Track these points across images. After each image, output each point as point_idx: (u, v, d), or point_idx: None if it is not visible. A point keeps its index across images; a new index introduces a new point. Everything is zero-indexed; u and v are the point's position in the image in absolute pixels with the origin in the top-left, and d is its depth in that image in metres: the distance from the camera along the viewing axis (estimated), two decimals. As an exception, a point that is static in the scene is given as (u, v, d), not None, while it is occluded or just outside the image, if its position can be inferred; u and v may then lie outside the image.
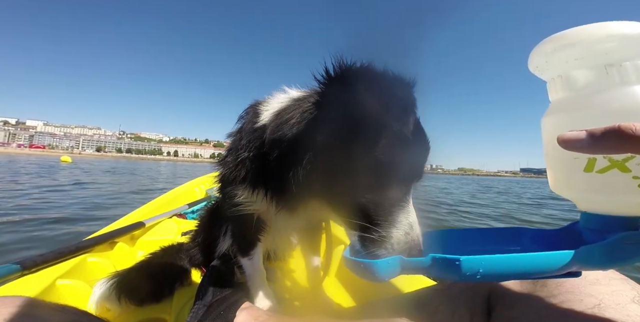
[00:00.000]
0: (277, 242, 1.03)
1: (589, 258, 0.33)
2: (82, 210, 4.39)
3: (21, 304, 0.54)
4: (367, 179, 0.54)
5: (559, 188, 0.41)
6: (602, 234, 0.36)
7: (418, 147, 0.58)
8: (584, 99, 0.36)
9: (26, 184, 7.05)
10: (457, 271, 0.34)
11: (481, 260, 0.33)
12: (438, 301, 0.58)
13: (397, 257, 0.41)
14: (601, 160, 0.34)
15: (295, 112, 0.62)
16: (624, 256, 0.33)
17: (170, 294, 1.05)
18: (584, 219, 0.40)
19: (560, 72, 0.39)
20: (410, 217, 0.54)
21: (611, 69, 0.34)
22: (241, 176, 0.71)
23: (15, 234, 2.94)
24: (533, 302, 0.47)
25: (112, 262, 1.23)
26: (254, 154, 0.68)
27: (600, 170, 0.34)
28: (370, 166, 0.53)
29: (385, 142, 0.53)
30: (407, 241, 0.52)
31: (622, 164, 0.32)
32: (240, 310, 0.74)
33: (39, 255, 1.00)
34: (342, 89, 0.55)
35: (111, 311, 0.93)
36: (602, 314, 0.40)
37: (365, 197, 0.54)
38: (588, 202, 0.39)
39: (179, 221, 1.89)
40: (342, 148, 0.55)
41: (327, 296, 1.01)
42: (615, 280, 0.47)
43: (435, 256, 0.37)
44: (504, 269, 0.34)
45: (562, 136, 0.31)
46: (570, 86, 0.38)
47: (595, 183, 0.35)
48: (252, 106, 0.75)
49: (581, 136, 0.30)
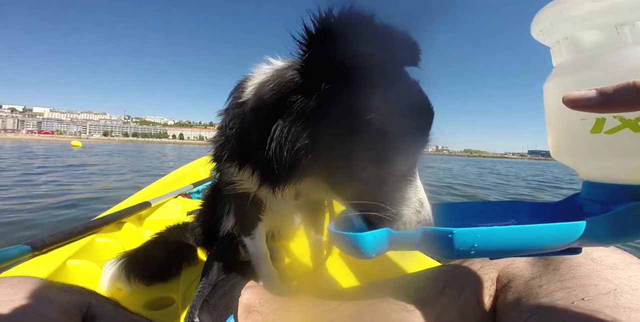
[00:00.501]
0: (279, 221, 1.03)
1: (593, 232, 0.30)
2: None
3: (29, 285, 0.55)
4: (366, 150, 0.49)
5: (562, 153, 0.38)
6: (606, 206, 0.33)
7: (420, 112, 0.51)
8: (592, 60, 0.33)
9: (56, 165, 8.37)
10: (449, 244, 0.31)
11: (476, 233, 0.30)
12: (443, 283, 0.57)
13: (385, 230, 0.38)
14: (610, 120, 0.31)
15: (275, 82, 0.56)
16: (631, 229, 0.31)
17: (177, 273, 1.08)
18: (586, 189, 0.37)
19: (566, 34, 0.36)
20: (419, 193, 0.49)
21: (623, 29, 0.32)
22: (228, 154, 0.69)
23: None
24: (544, 286, 0.45)
25: (120, 242, 1.26)
26: (238, 130, 0.64)
27: (610, 130, 0.31)
28: (368, 135, 0.47)
29: (383, 108, 0.47)
30: (418, 219, 0.47)
31: (635, 124, 0.29)
32: (245, 288, 0.75)
33: (48, 236, 1.02)
34: (326, 47, 0.47)
35: (122, 290, 0.95)
36: (617, 299, 0.38)
37: (367, 172, 0.49)
38: (592, 168, 0.36)
39: (184, 200, 1.91)
40: (332, 117, 0.49)
41: (330, 275, 1.02)
42: (633, 265, 0.44)
43: (427, 228, 0.34)
44: (500, 243, 0.31)
45: (569, 95, 0.28)
46: (577, 48, 0.35)
47: (603, 145, 0.32)
48: (241, 82, 0.71)
49: (591, 94, 0.27)
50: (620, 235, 0.31)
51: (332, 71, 0.48)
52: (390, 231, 0.38)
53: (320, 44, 0.48)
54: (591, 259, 0.46)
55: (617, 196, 0.33)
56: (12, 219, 2.84)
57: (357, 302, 0.60)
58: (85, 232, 1.15)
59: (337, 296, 0.67)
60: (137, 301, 0.94)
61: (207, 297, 0.73)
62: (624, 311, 0.36)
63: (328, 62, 0.47)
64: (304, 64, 0.51)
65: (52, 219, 2.98)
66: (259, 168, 0.63)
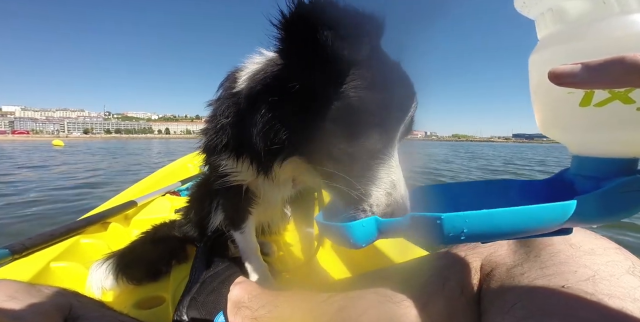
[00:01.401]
0: (269, 214, 1.02)
1: (584, 210, 0.29)
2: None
3: (6, 288, 0.54)
4: (337, 125, 0.49)
5: (549, 128, 0.37)
6: (597, 182, 0.32)
7: (397, 89, 0.51)
8: (578, 30, 0.32)
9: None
10: (439, 230, 0.30)
11: (465, 217, 0.29)
12: (429, 272, 0.57)
13: (373, 219, 0.37)
14: (600, 92, 0.30)
15: (264, 71, 0.59)
16: (622, 206, 0.30)
17: (167, 271, 1.06)
18: (576, 164, 0.36)
19: (550, 5, 0.35)
20: (392, 175, 0.49)
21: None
22: (223, 143, 0.68)
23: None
24: (525, 273, 0.46)
25: (107, 242, 1.23)
26: (234, 119, 0.65)
27: (599, 103, 0.30)
28: (339, 110, 0.48)
29: (355, 83, 0.47)
30: (388, 202, 0.47)
31: (625, 95, 0.28)
32: (234, 284, 0.74)
33: (28, 238, 0.98)
34: (302, 30, 0.48)
35: (110, 290, 0.93)
36: (596, 286, 0.39)
37: (338, 148, 0.49)
38: (582, 142, 0.35)
39: (173, 198, 1.87)
40: (307, 93, 0.50)
41: (321, 268, 1.02)
42: (610, 250, 0.45)
43: (414, 214, 0.33)
44: (490, 226, 0.30)
45: (554, 70, 0.27)
46: (562, 19, 0.34)
47: (593, 118, 0.31)
48: (232, 72, 0.72)
49: (576, 70, 0.26)
50: (612, 212, 0.31)
51: (306, 50, 0.49)
52: (378, 219, 0.37)
53: (294, 26, 0.49)
54: (570, 244, 0.47)
55: (608, 171, 0.32)
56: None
57: (344, 295, 0.60)
58: (68, 234, 1.11)
59: (326, 288, 0.67)
60: (127, 301, 0.92)
61: (195, 295, 0.72)
62: (602, 298, 0.37)
63: (302, 42, 0.49)
64: (280, 46, 0.53)
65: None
66: (256, 156, 0.63)
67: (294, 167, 0.63)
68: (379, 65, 0.51)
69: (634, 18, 0.29)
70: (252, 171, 0.66)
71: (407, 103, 0.52)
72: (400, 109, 0.51)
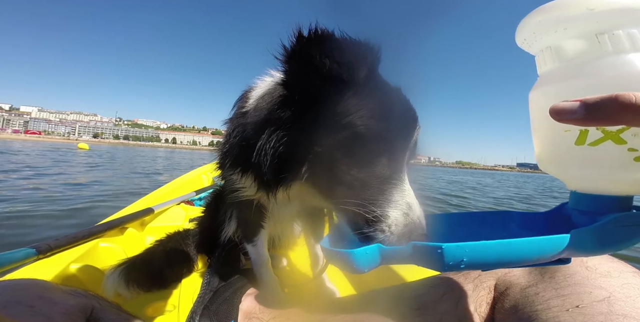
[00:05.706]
0: (280, 229, 1.04)
1: (580, 243, 0.31)
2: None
3: (35, 287, 0.57)
4: (347, 154, 0.51)
5: (547, 164, 0.39)
6: (593, 216, 0.33)
7: (401, 115, 0.54)
8: (575, 69, 0.34)
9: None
10: (439, 259, 0.31)
11: (465, 247, 0.31)
12: (442, 291, 0.57)
13: (376, 246, 0.39)
14: (594, 132, 0.31)
15: (270, 95, 0.63)
16: (616, 239, 0.31)
17: (177, 280, 1.08)
18: (573, 200, 0.37)
19: (549, 43, 0.37)
20: (407, 197, 0.50)
21: (603, 38, 0.32)
22: (231, 162, 0.73)
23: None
24: (539, 293, 0.46)
25: (123, 247, 1.26)
26: (240, 138, 0.68)
27: (593, 142, 0.32)
28: (347, 140, 0.50)
29: (361, 113, 0.50)
30: (406, 222, 0.48)
31: (617, 136, 0.30)
32: (245, 295, 0.76)
33: (54, 240, 1.03)
34: (303, 63, 0.53)
35: (121, 296, 0.96)
36: (611, 307, 0.39)
37: (350, 174, 0.51)
38: (578, 179, 0.36)
39: (187, 207, 1.92)
40: (313, 124, 0.52)
41: (330, 284, 1.02)
42: (627, 273, 0.45)
43: (416, 243, 0.35)
44: (489, 256, 0.31)
45: (555, 107, 0.29)
46: (560, 57, 0.36)
47: (587, 157, 0.33)
48: (245, 92, 0.76)
49: (575, 107, 0.27)
50: (607, 245, 0.32)
51: (308, 81, 0.53)
52: (381, 246, 0.39)
53: (295, 59, 0.54)
54: (586, 267, 0.47)
55: (603, 207, 0.34)
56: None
57: (356, 312, 0.61)
58: (89, 237, 1.16)
59: (337, 304, 0.68)
60: (136, 308, 0.94)
61: (207, 303, 0.73)
62: (617, 318, 0.37)
63: (303, 74, 0.53)
64: (284, 78, 0.58)
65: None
66: (260, 175, 0.65)
67: (300, 190, 0.65)
68: (380, 93, 0.54)
69: (628, 58, 0.31)
70: (258, 187, 0.68)
71: (411, 127, 0.55)
72: (405, 134, 0.54)
